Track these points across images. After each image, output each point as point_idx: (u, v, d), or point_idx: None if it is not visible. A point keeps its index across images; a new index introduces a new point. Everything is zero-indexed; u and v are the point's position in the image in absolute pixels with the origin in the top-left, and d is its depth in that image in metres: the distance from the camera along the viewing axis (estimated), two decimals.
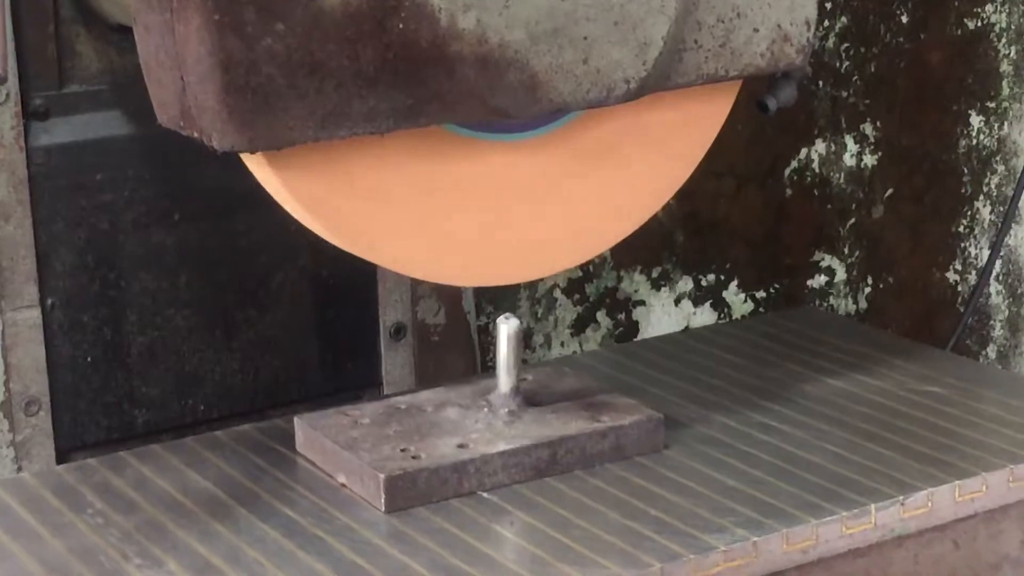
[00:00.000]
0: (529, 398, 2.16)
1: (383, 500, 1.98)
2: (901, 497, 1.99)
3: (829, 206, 3.27)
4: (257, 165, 1.93)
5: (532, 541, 1.92)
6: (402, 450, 2.04)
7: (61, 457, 2.25)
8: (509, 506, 2.00)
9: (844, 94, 3.23)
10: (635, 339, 3.11)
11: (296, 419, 2.16)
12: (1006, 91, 3.39)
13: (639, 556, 1.87)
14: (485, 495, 2.02)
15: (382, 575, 1.84)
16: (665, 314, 3.14)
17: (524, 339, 3.00)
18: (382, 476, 1.98)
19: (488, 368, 2.95)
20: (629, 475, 2.07)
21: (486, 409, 2.14)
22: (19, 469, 2.21)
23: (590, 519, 1.96)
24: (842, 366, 2.43)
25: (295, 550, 1.91)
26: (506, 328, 2.10)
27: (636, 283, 3.10)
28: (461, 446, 2.05)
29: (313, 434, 2.12)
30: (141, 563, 1.88)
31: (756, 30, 2.07)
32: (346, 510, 2.00)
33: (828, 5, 3.15)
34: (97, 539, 1.94)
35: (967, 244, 3.43)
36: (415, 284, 2.44)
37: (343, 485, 2.05)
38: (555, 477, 2.06)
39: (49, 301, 2.22)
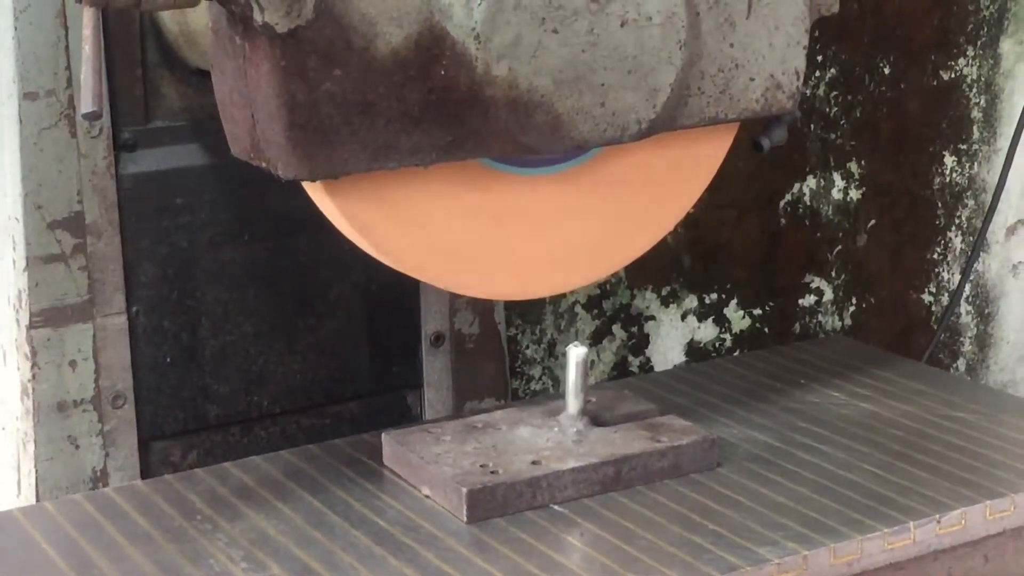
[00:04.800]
0: (594, 419, 2.12)
1: (465, 511, 1.95)
2: (937, 515, 1.96)
3: (819, 234, 3.27)
4: (316, 192, 1.95)
5: (600, 551, 1.89)
6: (481, 466, 2.01)
7: (143, 445, 2.25)
8: (578, 518, 1.97)
9: (833, 136, 3.23)
10: (646, 349, 3.12)
11: (384, 435, 2.12)
12: (976, 135, 3.39)
13: (699, 567, 1.83)
14: (556, 508, 1.99)
15: None
16: (672, 328, 3.14)
17: (549, 348, 3.02)
18: (465, 490, 1.95)
19: (516, 374, 2.97)
20: (686, 491, 2.04)
21: (556, 429, 2.10)
22: (107, 455, 2.22)
23: (653, 531, 1.92)
24: (873, 391, 2.38)
25: (386, 556, 1.88)
26: (575, 355, 2.07)
27: (647, 300, 3.10)
28: (535, 463, 2.02)
29: (399, 449, 2.09)
30: (247, 567, 1.86)
31: (752, 79, 2.07)
32: (430, 520, 1.97)
33: (819, 58, 3.15)
34: (206, 543, 1.92)
35: (940, 269, 3.43)
36: (453, 297, 2.44)
37: (427, 496, 2.02)
38: (619, 492, 2.02)
39: (134, 309, 2.22)
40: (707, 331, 3.17)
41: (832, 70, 3.18)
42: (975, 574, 2.01)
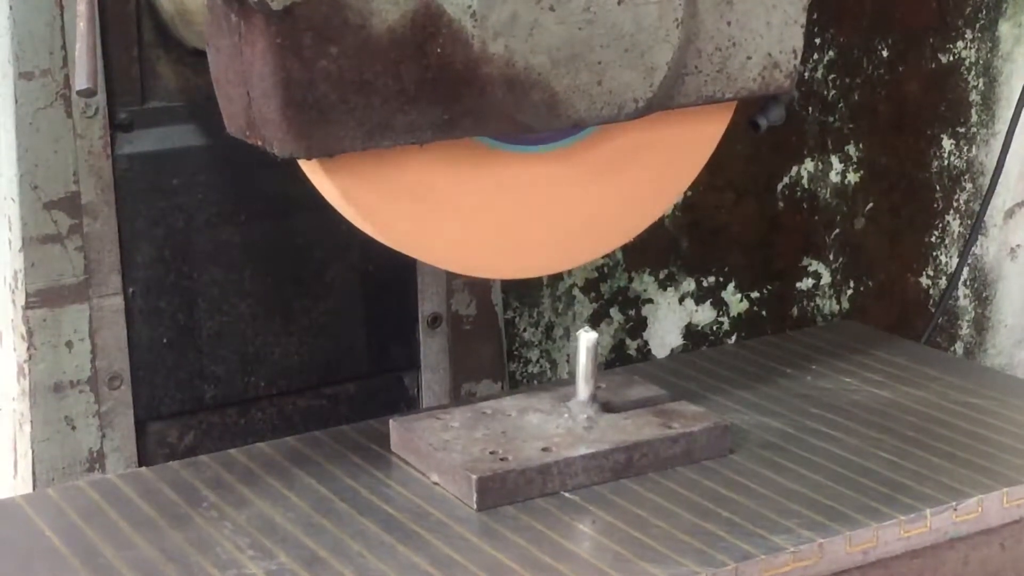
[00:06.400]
0: (604, 405, 2.10)
1: (475, 499, 1.93)
2: (954, 503, 1.94)
3: (816, 217, 3.27)
4: (312, 170, 1.94)
5: (613, 539, 1.87)
6: (491, 452, 1.99)
7: (139, 426, 2.25)
8: (590, 506, 1.95)
9: (831, 119, 3.23)
10: (643, 332, 3.12)
11: (391, 421, 2.11)
12: (975, 118, 3.39)
13: (714, 555, 1.81)
14: (567, 495, 1.97)
15: (476, 569, 1.80)
16: (671, 311, 3.14)
17: (547, 331, 3.02)
18: (474, 477, 1.93)
19: (514, 356, 2.98)
20: (699, 478, 2.02)
21: (566, 415, 2.08)
22: (103, 436, 2.22)
23: (666, 519, 1.91)
24: (885, 376, 2.35)
25: (395, 543, 1.86)
26: (585, 340, 2.05)
27: (645, 283, 3.10)
28: (545, 449, 2.00)
29: (407, 436, 2.07)
30: (254, 555, 1.84)
31: (749, 57, 2.07)
32: (439, 507, 1.95)
33: (817, 40, 3.15)
34: (212, 531, 1.90)
35: (938, 253, 3.43)
36: (450, 278, 2.44)
37: (436, 484, 2.00)
38: (631, 479, 2.00)
39: (131, 289, 2.22)
40: (705, 314, 3.17)
41: (830, 53, 3.18)
42: (992, 562, 1.99)
